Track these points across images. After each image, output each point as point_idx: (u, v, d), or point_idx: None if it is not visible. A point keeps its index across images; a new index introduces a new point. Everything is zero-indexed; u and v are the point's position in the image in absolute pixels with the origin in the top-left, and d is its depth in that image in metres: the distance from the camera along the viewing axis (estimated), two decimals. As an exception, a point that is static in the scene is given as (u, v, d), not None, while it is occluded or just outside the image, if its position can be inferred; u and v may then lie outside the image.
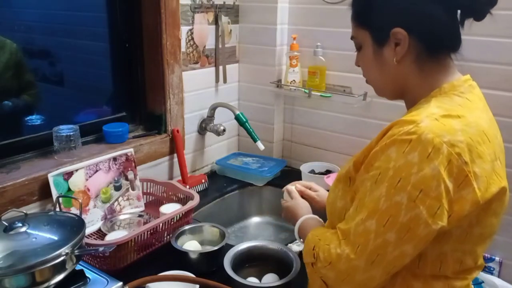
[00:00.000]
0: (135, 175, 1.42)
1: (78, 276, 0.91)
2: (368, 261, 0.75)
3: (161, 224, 1.26)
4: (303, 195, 1.19)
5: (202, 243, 1.27)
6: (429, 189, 0.70)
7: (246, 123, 1.64)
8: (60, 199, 1.18)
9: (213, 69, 1.76)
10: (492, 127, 0.82)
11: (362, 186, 0.78)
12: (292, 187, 1.23)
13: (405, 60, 0.82)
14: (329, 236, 0.84)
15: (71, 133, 1.32)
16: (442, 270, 0.80)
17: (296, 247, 1.28)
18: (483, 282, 1.42)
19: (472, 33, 0.84)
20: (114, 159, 1.37)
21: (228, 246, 1.19)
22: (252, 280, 1.11)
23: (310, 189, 1.23)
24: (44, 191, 1.22)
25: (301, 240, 1.04)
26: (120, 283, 0.91)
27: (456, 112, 0.76)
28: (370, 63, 0.87)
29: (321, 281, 0.84)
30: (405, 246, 0.73)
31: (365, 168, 0.80)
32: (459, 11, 0.81)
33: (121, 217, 1.38)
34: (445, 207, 0.71)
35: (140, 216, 1.40)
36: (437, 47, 0.82)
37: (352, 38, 0.90)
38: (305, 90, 1.71)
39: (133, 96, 1.61)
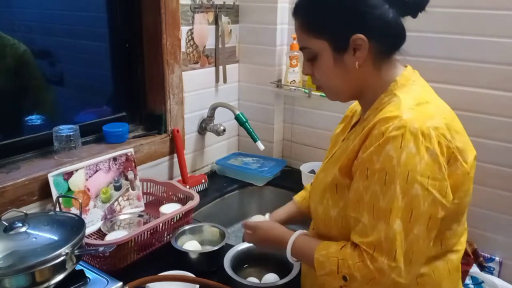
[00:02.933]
0: (135, 175, 1.42)
1: (78, 276, 0.91)
2: (406, 260, 0.75)
3: (161, 224, 1.26)
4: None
5: (202, 243, 1.27)
6: (435, 173, 0.74)
7: (246, 123, 1.64)
8: (60, 199, 1.18)
9: (213, 69, 1.76)
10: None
11: (369, 193, 0.77)
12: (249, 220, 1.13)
13: (365, 63, 0.85)
14: (353, 253, 0.80)
15: (71, 133, 1.32)
16: (443, 247, 0.84)
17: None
18: (483, 282, 1.42)
19: (472, 33, 0.85)
20: (114, 159, 1.37)
21: (228, 246, 1.19)
22: (252, 280, 1.11)
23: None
24: (44, 191, 1.22)
25: (295, 259, 0.95)
26: (120, 283, 0.91)
27: (423, 99, 0.82)
28: (329, 71, 0.87)
29: None
30: (432, 233, 0.77)
31: (361, 174, 0.79)
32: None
33: (121, 217, 1.38)
34: (449, 184, 0.77)
35: (140, 216, 1.40)
36: (391, 47, 0.86)
37: (302, 48, 0.89)
38: (305, 90, 1.71)
39: (133, 96, 1.61)
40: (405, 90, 0.84)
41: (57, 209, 1.15)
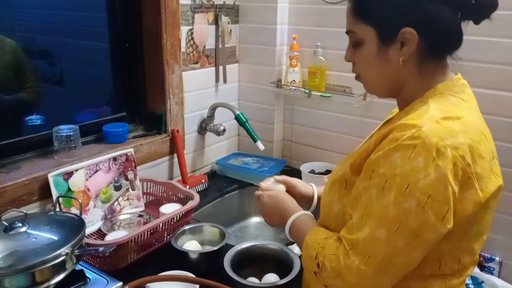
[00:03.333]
0: (135, 175, 1.42)
1: (78, 276, 0.91)
2: (377, 269, 0.74)
3: (161, 224, 1.26)
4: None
5: (202, 243, 1.27)
6: (437, 194, 0.70)
7: (246, 123, 1.64)
8: (60, 199, 1.18)
9: (213, 69, 1.76)
10: (486, 126, 0.82)
11: (366, 194, 0.77)
12: (268, 182, 1.14)
13: (410, 61, 0.81)
14: (333, 244, 0.81)
15: (71, 133, 1.32)
16: (441, 269, 0.80)
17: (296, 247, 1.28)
18: (483, 282, 1.42)
19: (472, 33, 0.84)
20: (114, 159, 1.37)
21: (228, 246, 1.19)
22: (252, 280, 1.11)
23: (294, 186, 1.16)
24: (44, 191, 1.22)
25: (293, 239, 0.98)
26: (120, 283, 0.91)
27: (454, 113, 0.76)
28: (370, 60, 0.84)
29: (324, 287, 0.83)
30: (414, 252, 0.73)
31: (365, 174, 0.78)
32: (459, 13, 0.79)
33: (121, 217, 1.38)
34: (452, 210, 0.71)
35: (140, 216, 1.40)
36: (442, 48, 0.81)
37: (349, 32, 0.86)
38: (305, 90, 1.71)
39: (133, 96, 1.61)
40: (440, 99, 0.79)
41: (57, 209, 1.15)
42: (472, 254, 0.83)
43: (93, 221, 1.31)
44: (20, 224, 0.89)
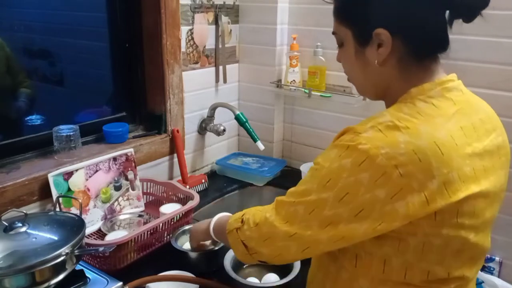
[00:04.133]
0: (135, 175, 1.42)
1: (78, 276, 0.91)
2: (287, 234, 0.80)
3: (161, 224, 1.26)
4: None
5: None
6: (356, 193, 0.71)
7: (246, 123, 1.64)
8: (60, 199, 1.18)
9: (213, 69, 1.76)
10: (460, 135, 0.74)
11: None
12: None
13: (388, 62, 0.79)
14: (266, 207, 0.88)
15: (71, 133, 1.32)
16: (407, 277, 0.78)
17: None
18: (483, 282, 1.42)
19: (472, 33, 0.84)
20: (114, 159, 1.37)
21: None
22: (252, 280, 1.11)
23: None
24: (44, 191, 1.22)
25: (217, 237, 1.06)
26: (120, 283, 0.91)
27: (406, 122, 0.72)
28: (351, 62, 0.84)
29: (243, 246, 0.88)
30: (322, 235, 0.76)
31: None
32: (447, 12, 0.77)
33: (121, 217, 1.38)
34: (370, 213, 0.71)
35: (140, 216, 1.40)
36: (422, 50, 0.79)
37: (333, 33, 0.87)
38: (305, 90, 1.71)
39: (133, 96, 1.61)
40: (404, 104, 0.76)
41: (57, 209, 1.15)
42: (449, 269, 0.78)
43: (93, 221, 1.31)
44: (20, 224, 0.89)
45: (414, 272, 0.77)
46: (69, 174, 1.25)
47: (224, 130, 1.72)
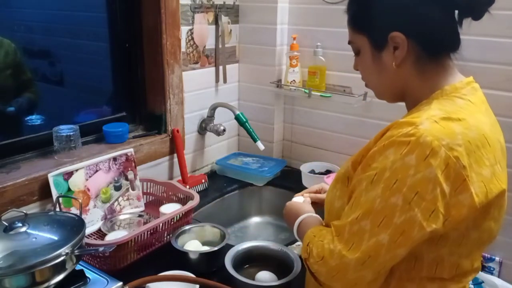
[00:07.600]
0: (135, 175, 1.42)
1: (78, 276, 0.91)
2: (359, 261, 0.74)
3: (161, 224, 1.26)
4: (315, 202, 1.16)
5: (202, 243, 1.27)
6: (425, 192, 0.70)
7: (246, 123, 1.64)
8: (60, 199, 1.18)
9: (213, 69, 1.76)
10: (494, 131, 0.81)
11: (359, 185, 0.78)
12: (294, 198, 1.17)
13: (405, 64, 0.82)
14: (324, 232, 0.84)
15: (71, 133, 1.32)
16: (437, 272, 0.79)
17: (297, 247, 1.28)
18: (483, 282, 1.42)
19: (472, 33, 0.84)
20: (114, 159, 1.37)
21: (228, 246, 1.19)
22: (264, 274, 1.11)
23: (321, 191, 1.19)
24: (44, 191, 1.22)
25: (299, 239, 1.01)
26: (120, 283, 0.91)
27: (457, 115, 0.75)
28: (369, 67, 0.87)
29: (314, 277, 0.84)
30: (398, 250, 0.73)
31: (362, 168, 0.79)
32: (456, 11, 0.80)
33: (121, 217, 1.38)
34: (440, 211, 0.70)
35: (140, 216, 1.40)
36: (436, 48, 0.81)
37: (349, 43, 0.89)
38: (305, 90, 1.71)
39: (133, 96, 1.61)
40: (445, 101, 0.79)
41: (57, 209, 1.15)
42: (472, 261, 0.83)
43: (93, 221, 1.31)
44: (20, 224, 0.89)
45: (444, 267, 0.79)
46: (69, 174, 1.25)
47: (224, 130, 1.72)
